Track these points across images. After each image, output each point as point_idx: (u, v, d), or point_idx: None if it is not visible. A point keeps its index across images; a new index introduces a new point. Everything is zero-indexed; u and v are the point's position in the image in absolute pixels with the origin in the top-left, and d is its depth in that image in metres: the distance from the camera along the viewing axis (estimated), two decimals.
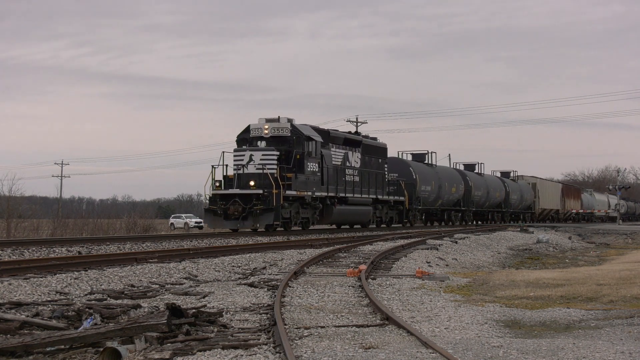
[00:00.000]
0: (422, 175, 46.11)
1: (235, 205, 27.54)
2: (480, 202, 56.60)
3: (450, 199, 50.91)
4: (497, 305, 11.38)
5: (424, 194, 46.45)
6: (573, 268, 19.58)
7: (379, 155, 38.56)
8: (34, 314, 9.36)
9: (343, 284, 13.35)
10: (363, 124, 74.58)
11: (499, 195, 58.33)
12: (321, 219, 32.55)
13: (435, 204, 48.86)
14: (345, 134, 35.33)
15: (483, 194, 56.96)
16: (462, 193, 52.25)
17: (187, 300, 11.18)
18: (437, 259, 20.44)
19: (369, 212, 36.44)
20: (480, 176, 58.89)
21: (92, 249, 19.18)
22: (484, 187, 57.22)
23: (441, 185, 48.45)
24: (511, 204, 61.15)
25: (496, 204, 58.39)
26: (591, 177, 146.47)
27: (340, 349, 7.62)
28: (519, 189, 64.30)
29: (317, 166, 30.72)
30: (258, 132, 29.87)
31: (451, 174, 52.63)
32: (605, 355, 7.40)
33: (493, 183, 57.78)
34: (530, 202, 67.55)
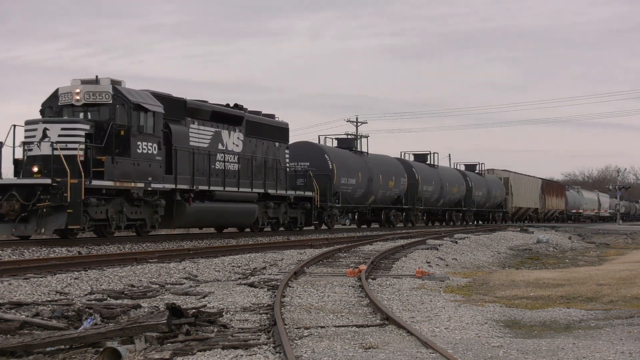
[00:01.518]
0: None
1: (10, 201, 19.26)
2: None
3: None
4: (497, 305, 11.38)
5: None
6: (573, 268, 19.59)
7: (276, 138, 29.38)
8: (34, 314, 9.36)
9: (343, 284, 13.35)
10: (363, 123, 74.63)
11: (457, 191, 50.81)
12: (169, 220, 23.52)
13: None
14: (216, 105, 26.03)
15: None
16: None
17: (187, 300, 11.18)
18: (437, 259, 20.45)
19: (251, 211, 27.06)
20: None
21: (92, 249, 19.16)
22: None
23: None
24: (474, 201, 53.99)
25: (454, 202, 51.12)
26: (591, 177, 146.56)
27: (340, 349, 7.62)
28: (485, 185, 56.94)
29: (155, 147, 21.92)
30: (67, 97, 21.30)
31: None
32: (605, 355, 7.40)
33: (450, 177, 50.67)
34: (501, 200, 60.48)
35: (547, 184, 75.57)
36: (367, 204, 38.85)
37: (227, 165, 26.05)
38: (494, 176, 61.60)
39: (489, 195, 57.21)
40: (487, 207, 57.93)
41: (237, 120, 26.91)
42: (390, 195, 41.02)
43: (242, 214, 26.94)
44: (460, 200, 51.49)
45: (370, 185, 38.07)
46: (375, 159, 40.29)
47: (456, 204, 51.28)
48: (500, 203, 60.13)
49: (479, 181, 55.80)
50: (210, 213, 25.24)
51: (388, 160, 42.86)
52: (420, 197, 44.16)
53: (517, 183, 64.18)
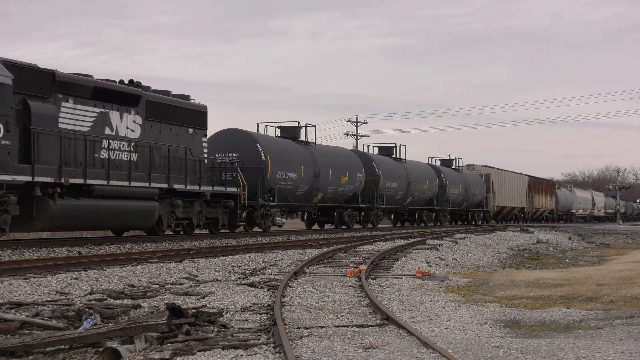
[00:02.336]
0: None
1: None
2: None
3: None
4: (497, 305, 11.38)
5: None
6: (573, 268, 19.59)
7: (189, 123, 24.74)
8: (34, 314, 9.36)
9: (343, 284, 13.35)
10: (363, 123, 74.65)
11: (428, 188, 45.64)
12: (28, 221, 18.69)
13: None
14: (101, 81, 21.21)
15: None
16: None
17: (187, 300, 11.18)
18: (437, 259, 20.45)
19: (148, 210, 22.23)
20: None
21: (92, 249, 19.17)
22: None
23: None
24: (449, 200, 49.00)
25: (424, 201, 46.07)
26: (591, 177, 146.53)
27: (340, 349, 7.62)
28: (463, 182, 51.74)
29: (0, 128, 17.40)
30: None
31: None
32: (605, 355, 7.40)
33: (420, 172, 45.32)
34: (482, 198, 55.26)
35: (535, 181, 70.20)
36: (314, 202, 33.45)
37: (116, 155, 21.24)
38: (474, 172, 56.60)
39: (467, 193, 52.25)
40: (466, 207, 53.11)
41: (133, 99, 22.09)
42: (344, 192, 35.79)
43: (135, 214, 21.82)
44: (432, 198, 46.54)
45: (316, 181, 32.72)
46: (324, 150, 35.07)
47: (427, 202, 46.39)
48: (480, 202, 55.11)
49: (455, 178, 50.80)
50: (87, 213, 20.00)
51: (341, 152, 37.56)
52: (381, 194, 39.29)
53: (500, 180, 59.41)
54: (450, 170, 51.29)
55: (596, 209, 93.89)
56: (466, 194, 51.81)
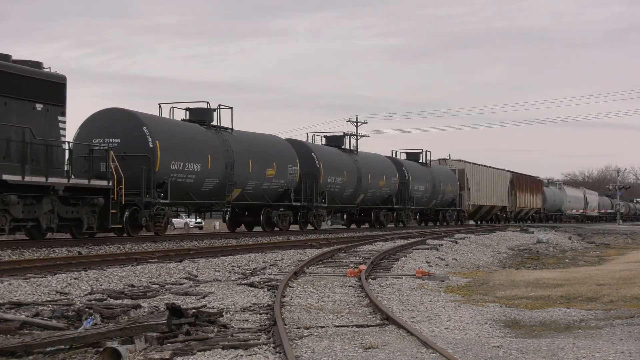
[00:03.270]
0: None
1: None
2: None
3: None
4: (497, 305, 11.38)
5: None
6: (573, 268, 19.59)
7: (37, 97, 19.56)
8: (34, 314, 9.36)
9: (343, 284, 13.35)
10: (363, 123, 74.64)
11: (385, 184, 39.95)
12: None
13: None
14: None
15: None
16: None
17: (187, 300, 11.18)
18: (437, 259, 20.45)
19: None
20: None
21: (92, 249, 19.17)
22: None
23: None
24: (413, 198, 43.26)
25: (381, 199, 40.43)
26: (591, 177, 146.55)
27: (340, 349, 7.62)
28: (430, 177, 45.91)
29: None
30: None
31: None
32: (605, 355, 7.40)
33: (375, 166, 39.53)
34: (454, 196, 49.69)
35: (519, 178, 64.79)
36: (229, 200, 28.11)
37: None
38: (445, 167, 50.74)
39: (435, 191, 46.48)
40: (434, 205, 47.44)
41: None
42: (270, 187, 29.60)
43: None
44: (391, 196, 40.96)
45: (230, 175, 26.81)
46: (240, 138, 28.42)
47: (385, 200, 40.76)
48: (452, 200, 49.68)
49: (420, 173, 45.02)
50: None
51: (263, 140, 30.60)
52: (322, 191, 33.51)
53: (477, 176, 53.78)
54: (416, 164, 45.75)
55: (589, 209, 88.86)
56: (434, 191, 46.26)
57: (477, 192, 53.20)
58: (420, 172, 45.08)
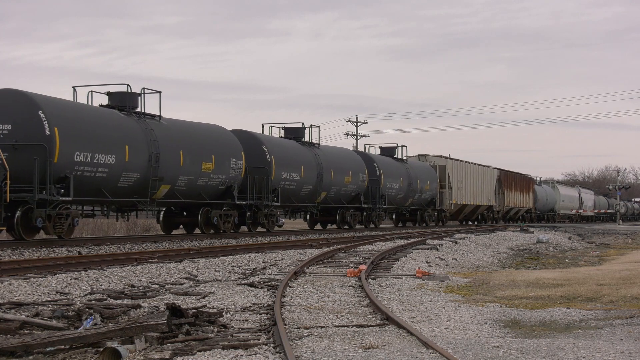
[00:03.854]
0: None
1: None
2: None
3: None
4: (497, 305, 11.38)
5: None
6: (573, 268, 19.59)
7: None
8: (34, 314, 9.36)
9: (343, 284, 13.35)
10: (363, 124, 74.67)
11: (352, 181, 35.67)
12: None
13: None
14: None
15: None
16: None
17: (187, 300, 11.18)
18: (437, 259, 20.45)
19: None
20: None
21: (92, 249, 19.17)
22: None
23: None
24: (386, 196, 39.30)
25: (348, 197, 36.12)
26: (591, 177, 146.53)
27: (340, 349, 7.62)
28: (406, 174, 42.03)
29: None
30: None
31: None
32: (605, 355, 7.40)
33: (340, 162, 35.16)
34: (433, 195, 45.77)
35: (507, 175, 60.91)
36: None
37: None
38: (425, 164, 47.09)
39: (412, 189, 42.52)
40: (411, 205, 43.57)
41: None
42: (208, 184, 25.83)
43: None
44: (359, 194, 36.62)
45: (154, 168, 23.04)
46: (170, 127, 24.63)
47: (352, 199, 36.50)
48: (432, 199, 45.64)
49: (394, 169, 41.13)
50: None
51: (200, 129, 26.55)
52: (275, 188, 29.29)
53: (460, 173, 49.76)
54: (390, 160, 41.81)
55: (584, 208, 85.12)
56: (410, 189, 42.34)
57: (460, 190, 49.40)
58: (394, 168, 41.15)
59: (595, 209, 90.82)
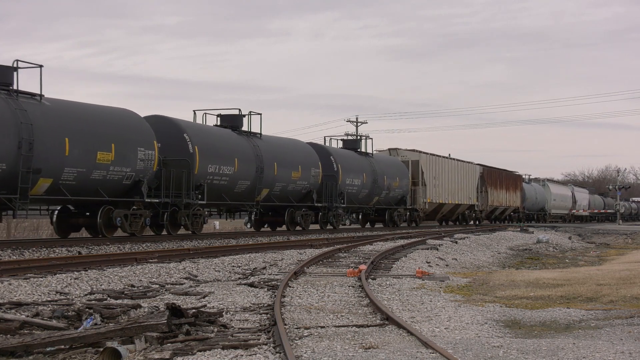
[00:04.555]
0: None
1: None
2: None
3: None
4: (497, 305, 11.38)
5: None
6: (573, 268, 19.58)
7: None
8: (34, 314, 9.36)
9: (343, 284, 13.35)
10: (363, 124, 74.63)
11: (302, 176, 31.20)
12: None
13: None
14: None
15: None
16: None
17: (187, 300, 11.18)
18: (437, 259, 20.45)
19: None
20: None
21: (92, 249, 19.17)
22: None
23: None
24: (344, 194, 34.79)
25: (298, 195, 31.68)
26: (591, 177, 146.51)
27: (340, 349, 7.62)
28: (370, 169, 37.74)
29: None
30: None
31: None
32: (605, 355, 7.40)
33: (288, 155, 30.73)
34: (404, 193, 41.33)
35: (492, 172, 56.49)
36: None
37: None
38: (394, 159, 42.74)
39: (377, 186, 38.18)
40: (377, 203, 39.17)
41: None
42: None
43: None
44: (311, 191, 32.25)
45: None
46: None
47: (303, 197, 32.17)
48: (402, 197, 41.23)
49: (356, 164, 36.74)
50: None
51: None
52: (200, 183, 25.52)
53: (436, 169, 45.47)
54: (351, 154, 37.55)
55: (578, 208, 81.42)
56: (375, 187, 38.02)
57: (436, 187, 45.12)
58: (356, 163, 36.82)
59: (590, 208, 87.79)
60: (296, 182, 31.24)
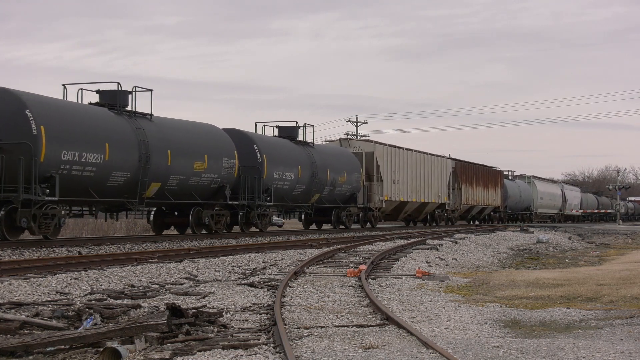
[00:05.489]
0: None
1: None
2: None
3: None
4: (497, 305, 11.39)
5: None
6: (573, 268, 19.59)
7: None
8: (34, 314, 9.36)
9: (343, 284, 13.35)
10: (363, 124, 74.70)
11: (205, 168, 25.66)
12: None
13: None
14: None
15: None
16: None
17: (187, 300, 11.19)
18: (437, 259, 20.45)
19: None
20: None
21: (92, 249, 19.17)
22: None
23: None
24: (271, 190, 28.67)
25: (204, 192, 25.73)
26: (591, 177, 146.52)
27: (340, 349, 7.62)
28: (307, 162, 31.50)
29: None
30: None
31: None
32: (605, 355, 7.40)
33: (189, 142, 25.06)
34: (354, 189, 35.29)
35: (466, 168, 50.58)
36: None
37: None
38: (343, 149, 36.83)
39: (318, 181, 32.06)
40: (320, 201, 33.01)
41: None
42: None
43: None
44: (223, 187, 26.25)
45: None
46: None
47: (213, 193, 26.18)
48: (352, 194, 35.27)
49: (288, 155, 30.67)
50: None
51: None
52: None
53: (396, 163, 39.63)
54: (284, 142, 31.47)
55: (569, 208, 76.08)
56: (316, 182, 31.91)
57: (396, 183, 39.52)
58: (289, 153, 30.70)
59: (583, 208, 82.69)
60: (201, 175, 25.55)
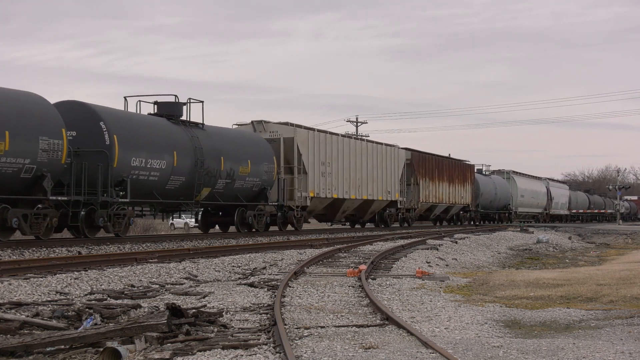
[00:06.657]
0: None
1: None
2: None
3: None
4: (497, 305, 11.39)
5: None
6: (573, 268, 19.59)
7: None
8: (34, 314, 9.36)
9: (343, 284, 13.35)
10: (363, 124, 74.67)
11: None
12: None
13: None
14: None
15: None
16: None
17: (187, 300, 11.18)
18: (437, 259, 20.45)
19: None
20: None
21: (92, 249, 19.17)
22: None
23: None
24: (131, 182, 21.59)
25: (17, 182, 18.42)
26: (591, 177, 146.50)
27: (340, 349, 7.62)
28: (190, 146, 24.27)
29: None
30: None
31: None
32: (605, 355, 7.40)
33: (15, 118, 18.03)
34: (265, 182, 28.24)
35: (426, 160, 43.53)
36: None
37: None
38: (252, 133, 29.74)
39: (209, 174, 25.27)
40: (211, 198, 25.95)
41: None
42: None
43: None
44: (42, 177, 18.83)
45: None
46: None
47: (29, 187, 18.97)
48: (262, 189, 28.37)
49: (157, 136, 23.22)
50: None
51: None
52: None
53: (325, 152, 32.63)
54: (154, 120, 24.24)
55: (555, 207, 69.16)
56: (205, 175, 25.06)
57: (327, 176, 32.55)
58: (156, 134, 23.34)
59: (572, 207, 76.11)
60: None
